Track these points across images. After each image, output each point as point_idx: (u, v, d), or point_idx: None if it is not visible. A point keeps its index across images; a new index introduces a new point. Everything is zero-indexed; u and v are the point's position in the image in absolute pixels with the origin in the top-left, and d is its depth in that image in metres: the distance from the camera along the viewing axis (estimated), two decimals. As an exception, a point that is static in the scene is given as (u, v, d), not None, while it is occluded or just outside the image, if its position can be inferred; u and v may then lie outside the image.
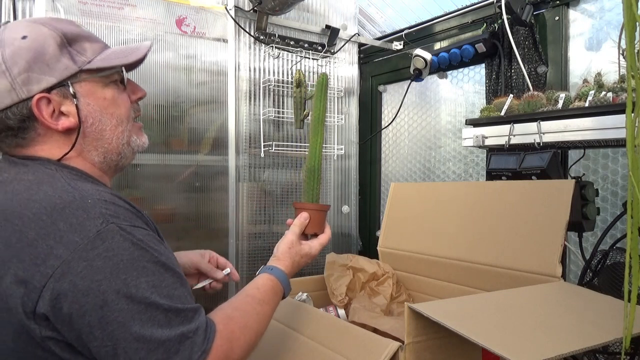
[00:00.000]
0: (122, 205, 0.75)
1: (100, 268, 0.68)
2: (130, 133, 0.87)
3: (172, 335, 0.70)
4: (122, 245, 0.70)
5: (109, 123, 0.83)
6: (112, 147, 0.84)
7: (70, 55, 0.79)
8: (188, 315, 0.73)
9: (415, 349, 0.89)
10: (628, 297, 0.75)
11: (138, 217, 0.76)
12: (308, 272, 1.85)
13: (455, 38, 1.93)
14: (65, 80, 0.79)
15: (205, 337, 0.73)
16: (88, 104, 0.81)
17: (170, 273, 0.74)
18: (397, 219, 1.61)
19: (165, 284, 0.72)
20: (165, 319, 0.70)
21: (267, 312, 0.89)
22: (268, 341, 1.16)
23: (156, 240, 0.76)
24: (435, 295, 1.41)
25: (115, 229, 0.71)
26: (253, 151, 1.95)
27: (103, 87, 0.83)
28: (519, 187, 1.27)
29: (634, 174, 0.71)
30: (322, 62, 2.11)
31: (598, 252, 1.24)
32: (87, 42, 0.82)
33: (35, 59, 0.76)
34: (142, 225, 0.75)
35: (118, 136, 0.84)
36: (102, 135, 0.83)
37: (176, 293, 0.73)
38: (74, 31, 0.81)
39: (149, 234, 0.75)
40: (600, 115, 1.18)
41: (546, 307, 0.95)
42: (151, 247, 0.73)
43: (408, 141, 2.22)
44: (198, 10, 1.84)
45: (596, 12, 1.52)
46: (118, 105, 0.84)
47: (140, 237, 0.73)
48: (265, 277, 0.94)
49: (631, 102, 0.71)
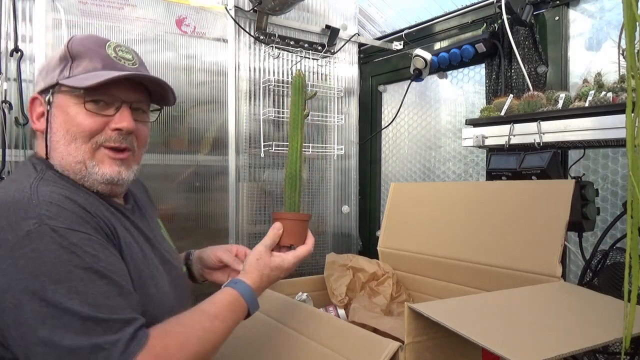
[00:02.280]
0: (70, 208, 0.75)
1: (22, 267, 0.68)
2: (87, 156, 0.84)
3: (85, 345, 0.67)
4: (50, 248, 0.70)
5: (63, 138, 0.84)
6: (65, 163, 0.84)
7: (62, 69, 0.84)
8: (112, 326, 0.70)
9: (415, 349, 0.89)
10: (628, 297, 0.75)
11: (85, 222, 0.75)
12: (308, 272, 1.85)
13: (455, 38, 1.93)
14: (48, 87, 0.85)
15: (124, 350, 0.69)
16: (55, 114, 0.84)
17: (105, 281, 0.72)
18: (397, 219, 1.61)
19: (93, 292, 0.70)
20: (82, 327, 0.68)
21: (219, 329, 0.83)
22: (268, 341, 1.16)
23: (99, 246, 0.75)
24: (435, 295, 1.41)
25: (47, 230, 0.70)
26: (253, 151, 1.95)
27: (74, 104, 0.84)
28: (519, 187, 1.27)
29: (634, 174, 0.71)
30: (322, 62, 2.11)
31: (598, 252, 1.24)
32: (87, 60, 0.85)
33: (44, 67, 0.88)
34: (85, 230, 0.74)
35: (70, 153, 0.83)
36: (57, 147, 0.84)
37: (106, 302, 0.71)
38: (85, 50, 0.85)
39: (90, 238, 0.74)
40: (600, 115, 1.18)
41: (546, 307, 0.95)
42: (86, 252, 0.72)
43: (408, 141, 2.22)
44: (198, 10, 1.84)
45: (596, 12, 1.52)
46: (77, 124, 0.83)
47: (74, 241, 0.72)
48: (225, 292, 0.89)
49: (631, 102, 0.71)
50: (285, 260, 0.96)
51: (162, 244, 0.99)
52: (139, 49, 1.71)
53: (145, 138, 0.93)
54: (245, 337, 1.26)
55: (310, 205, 2.11)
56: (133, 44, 1.69)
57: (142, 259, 0.86)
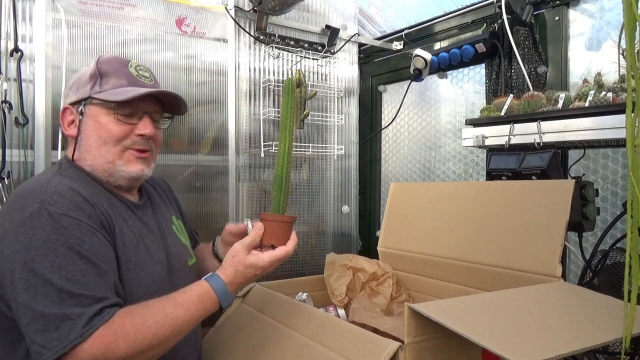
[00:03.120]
0: (70, 197, 0.89)
1: (21, 242, 0.83)
2: (116, 156, 1.01)
3: (55, 313, 0.80)
4: (44, 228, 0.84)
5: (95, 142, 1.00)
6: (97, 163, 1.01)
7: (93, 85, 1.01)
8: (83, 301, 0.81)
9: (415, 349, 0.89)
10: (628, 297, 0.75)
11: (80, 209, 0.89)
12: (308, 272, 1.86)
13: (455, 38, 1.93)
14: (81, 100, 1.01)
15: (87, 323, 0.80)
16: (87, 123, 1.01)
17: (84, 261, 0.85)
18: (397, 219, 1.61)
19: (73, 269, 0.83)
20: (57, 297, 0.80)
21: (182, 316, 0.89)
22: (268, 341, 1.16)
23: (87, 231, 0.87)
24: (435, 295, 1.41)
25: (45, 213, 0.85)
26: (253, 151, 1.94)
27: (105, 114, 1.00)
28: (519, 187, 1.27)
29: (634, 174, 0.71)
30: (322, 62, 2.11)
31: (598, 252, 1.24)
32: (114, 78, 1.02)
33: (75, 82, 1.05)
34: (77, 216, 0.87)
35: (102, 155, 1.00)
36: (89, 150, 1.01)
37: (82, 279, 0.83)
38: (112, 69, 1.02)
39: (79, 224, 0.87)
40: (600, 115, 1.18)
41: (546, 307, 0.95)
42: (72, 235, 0.85)
43: (408, 141, 2.22)
44: (198, 10, 1.84)
45: (596, 12, 1.52)
46: (108, 131, 1.00)
47: (64, 224, 0.85)
48: (198, 283, 0.96)
49: (631, 102, 0.71)
50: (260, 259, 0.99)
51: (168, 238, 1.11)
52: (139, 49, 1.71)
53: (160, 141, 1.10)
54: (246, 337, 1.26)
55: (310, 205, 2.11)
56: (133, 44, 1.69)
57: (135, 247, 0.98)
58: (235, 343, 1.27)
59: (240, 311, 1.37)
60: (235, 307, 1.39)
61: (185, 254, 1.16)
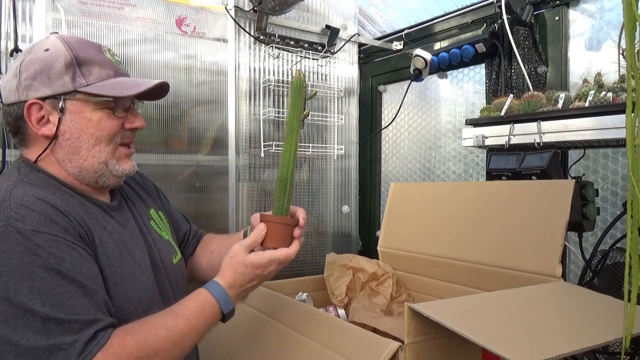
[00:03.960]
0: (39, 210, 0.77)
1: None
2: (109, 155, 0.91)
3: (43, 345, 0.70)
4: (14, 249, 0.72)
5: (86, 142, 0.88)
6: (87, 164, 0.89)
7: (73, 75, 0.86)
8: (73, 327, 0.72)
9: (415, 349, 0.89)
10: (628, 297, 0.75)
11: (53, 223, 0.77)
12: (308, 272, 1.86)
13: (455, 38, 1.93)
14: (59, 95, 0.86)
15: (82, 350, 0.71)
16: (72, 120, 0.87)
17: (68, 281, 0.74)
18: (397, 219, 1.61)
19: (55, 292, 0.72)
20: (42, 327, 0.70)
21: (184, 328, 0.83)
22: (267, 341, 1.16)
23: (65, 247, 0.76)
24: (435, 295, 1.41)
25: (13, 232, 0.73)
26: (253, 151, 1.94)
27: (93, 110, 0.88)
28: (519, 187, 1.27)
29: (634, 174, 0.71)
30: (322, 62, 2.11)
31: (598, 252, 1.24)
32: (97, 67, 0.89)
33: (42, 71, 0.85)
34: (51, 231, 0.76)
35: (94, 155, 0.89)
36: (77, 151, 0.88)
37: (68, 302, 0.73)
38: (89, 55, 0.88)
39: (56, 240, 0.76)
40: (600, 115, 1.18)
41: (546, 307, 0.94)
42: (50, 254, 0.74)
43: (408, 141, 2.22)
44: (198, 10, 1.84)
45: (596, 12, 1.52)
46: (101, 128, 0.89)
47: (39, 242, 0.74)
48: (196, 292, 0.90)
49: (631, 102, 0.71)
50: (260, 257, 0.93)
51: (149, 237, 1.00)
52: (139, 49, 1.71)
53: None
54: (246, 336, 1.26)
55: (310, 205, 2.11)
56: (133, 44, 1.69)
57: (119, 255, 0.87)
58: (234, 343, 1.27)
59: (240, 311, 1.36)
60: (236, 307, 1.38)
61: (169, 252, 1.05)
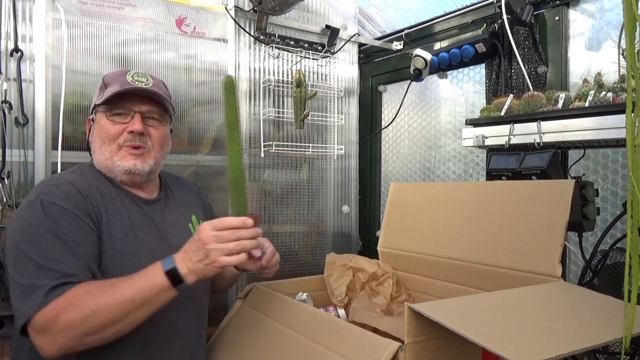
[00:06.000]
0: (64, 189, 1.03)
1: (17, 223, 1.00)
2: (113, 154, 1.11)
3: (29, 283, 0.92)
4: (35, 213, 0.98)
5: (97, 143, 1.13)
6: (100, 160, 1.13)
7: (99, 95, 1.14)
8: (53, 275, 0.93)
9: (415, 349, 0.89)
10: (628, 297, 0.75)
11: (69, 199, 1.01)
12: (308, 272, 1.85)
13: (455, 38, 1.93)
14: (92, 109, 1.17)
15: (49, 292, 0.91)
16: (94, 127, 1.15)
17: (61, 242, 0.96)
18: (397, 219, 1.61)
19: (51, 249, 0.95)
20: (34, 271, 0.93)
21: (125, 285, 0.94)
22: (268, 342, 1.16)
23: (69, 218, 0.99)
24: (435, 295, 1.41)
25: (38, 201, 0.99)
26: (253, 151, 1.94)
27: (104, 117, 1.12)
28: (519, 187, 1.27)
29: (634, 174, 0.71)
30: (322, 62, 2.11)
31: (598, 252, 1.24)
32: (112, 85, 1.12)
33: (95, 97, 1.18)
34: (64, 205, 1.00)
35: (102, 153, 1.12)
36: (95, 150, 1.14)
37: (57, 258, 0.94)
38: (112, 79, 1.13)
39: (64, 212, 0.99)
40: (600, 115, 1.18)
41: (546, 307, 0.95)
42: (54, 221, 0.98)
43: (408, 141, 2.22)
44: (198, 10, 1.84)
45: (596, 12, 1.52)
46: (105, 131, 1.12)
47: (50, 211, 0.98)
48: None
49: (631, 102, 0.71)
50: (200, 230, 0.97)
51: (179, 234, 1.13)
52: (139, 49, 1.71)
53: (158, 138, 1.16)
54: (247, 338, 1.26)
55: (310, 205, 2.11)
56: (133, 44, 1.69)
57: (123, 237, 1.06)
58: (237, 344, 1.27)
59: (242, 312, 1.37)
60: (237, 308, 1.39)
61: None
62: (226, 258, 0.95)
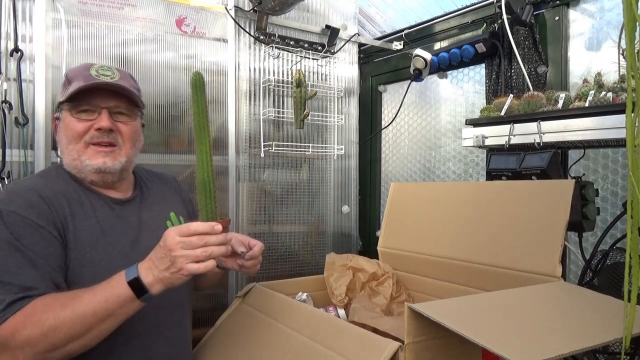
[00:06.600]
0: (25, 197, 0.98)
1: None
2: (81, 153, 1.06)
3: None
4: None
5: (64, 142, 1.08)
6: (68, 161, 1.08)
7: (63, 92, 1.09)
8: (11, 289, 0.89)
9: (415, 349, 0.89)
10: (628, 297, 0.75)
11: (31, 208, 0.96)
12: (308, 272, 1.85)
13: (455, 38, 1.93)
14: (57, 107, 1.11)
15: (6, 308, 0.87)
16: (60, 126, 1.10)
17: (20, 254, 0.92)
18: (397, 219, 1.61)
19: (9, 261, 0.91)
20: None
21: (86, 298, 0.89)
22: (268, 341, 1.16)
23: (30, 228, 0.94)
24: (435, 295, 1.41)
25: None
26: (253, 151, 1.94)
27: (69, 115, 1.07)
28: (519, 187, 1.27)
29: (634, 174, 0.71)
30: (322, 62, 2.11)
31: (598, 252, 1.24)
32: (75, 80, 1.06)
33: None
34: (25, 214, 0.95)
35: (70, 153, 1.07)
36: (62, 150, 1.09)
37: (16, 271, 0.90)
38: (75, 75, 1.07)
39: (24, 221, 0.94)
40: (600, 115, 1.18)
41: (546, 307, 0.95)
42: (14, 231, 0.93)
43: (408, 141, 2.22)
44: (198, 10, 1.84)
45: (596, 12, 1.52)
46: (71, 129, 1.06)
47: (10, 221, 0.93)
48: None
49: (631, 102, 0.71)
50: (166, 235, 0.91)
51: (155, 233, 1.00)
52: (139, 49, 1.71)
53: (129, 134, 1.11)
54: (245, 337, 1.26)
55: (310, 205, 2.11)
56: (133, 44, 1.69)
57: (93, 243, 1.01)
58: (235, 343, 1.27)
59: (240, 311, 1.37)
60: (235, 307, 1.39)
61: None
62: (193, 265, 0.89)
